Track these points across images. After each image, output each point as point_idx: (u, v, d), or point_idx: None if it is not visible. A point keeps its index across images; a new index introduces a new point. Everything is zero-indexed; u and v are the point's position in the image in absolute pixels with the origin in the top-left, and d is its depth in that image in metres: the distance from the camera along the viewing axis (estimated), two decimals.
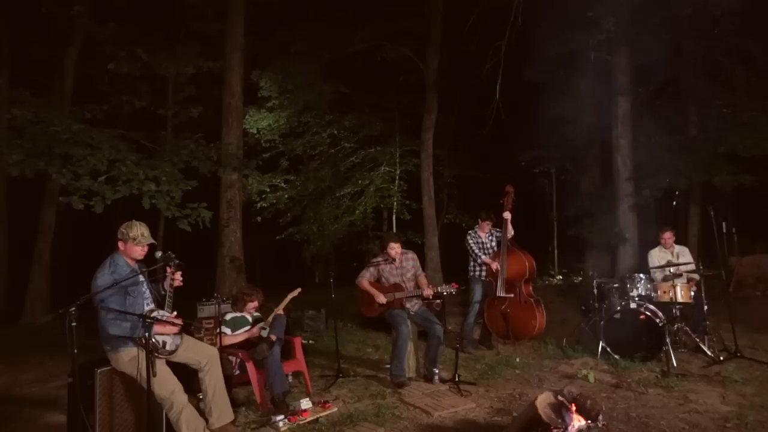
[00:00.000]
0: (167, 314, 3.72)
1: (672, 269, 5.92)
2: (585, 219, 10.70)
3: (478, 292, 6.74)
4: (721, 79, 9.85)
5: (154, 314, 3.64)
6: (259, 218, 15.46)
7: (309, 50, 12.98)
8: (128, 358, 3.57)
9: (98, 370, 3.52)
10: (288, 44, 13.09)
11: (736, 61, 9.74)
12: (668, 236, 6.49)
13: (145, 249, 3.75)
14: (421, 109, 12.90)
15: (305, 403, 4.51)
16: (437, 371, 5.30)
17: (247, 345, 5.05)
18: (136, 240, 3.69)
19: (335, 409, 4.56)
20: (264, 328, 5.18)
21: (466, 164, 15.81)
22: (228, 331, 5.21)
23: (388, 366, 5.51)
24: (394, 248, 5.63)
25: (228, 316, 5.32)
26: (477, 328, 7.14)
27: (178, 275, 3.89)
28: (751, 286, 9.67)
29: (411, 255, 5.91)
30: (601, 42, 8.78)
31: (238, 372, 5.23)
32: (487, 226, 6.82)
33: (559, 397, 3.43)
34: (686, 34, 9.61)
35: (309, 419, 4.33)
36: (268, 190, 15.31)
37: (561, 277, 13.08)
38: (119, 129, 8.06)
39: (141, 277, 3.79)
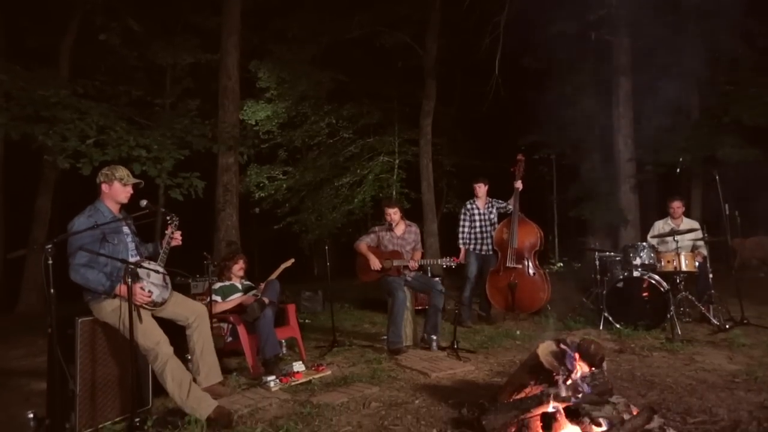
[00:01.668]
0: (157, 267, 3.58)
1: (676, 237, 5.74)
2: (586, 201, 10.54)
3: (473, 266, 6.59)
4: (724, 59, 9.71)
5: (137, 263, 3.49)
6: (257, 209, 15.33)
7: (306, 36, 12.86)
8: (111, 309, 3.41)
9: (79, 319, 3.36)
10: (285, 30, 12.95)
11: (738, 40, 9.59)
12: (677, 205, 6.34)
13: (131, 191, 3.59)
14: (419, 96, 12.78)
15: (298, 366, 4.37)
16: (435, 338, 5.15)
17: (239, 312, 4.90)
18: (123, 180, 3.53)
19: (329, 372, 4.41)
20: (256, 295, 5.04)
21: (465, 153, 15.69)
22: (219, 299, 5.06)
23: (385, 337, 5.36)
24: (390, 213, 5.50)
25: (216, 285, 5.18)
26: (475, 307, 7.01)
27: (177, 234, 3.75)
28: (755, 267, 9.54)
29: (414, 228, 5.77)
30: (602, 18, 8.64)
31: (230, 339, 5.09)
32: (482, 190, 6.66)
33: (562, 345, 3.27)
34: (688, 13, 9.48)
35: (301, 381, 4.17)
36: (267, 181, 15.20)
37: (562, 264, 12.94)
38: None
39: (125, 227, 3.64)
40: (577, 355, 3.21)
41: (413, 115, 13.75)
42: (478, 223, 6.65)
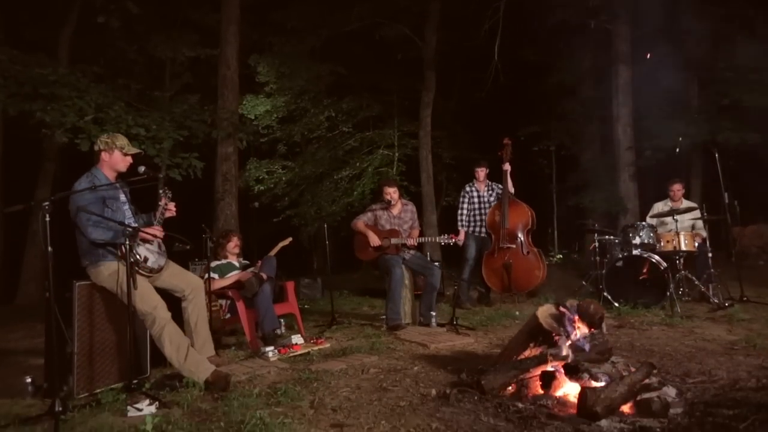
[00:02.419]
0: (156, 231, 3.57)
1: (675, 216, 5.72)
2: (585, 189, 10.53)
3: (471, 248, 6.57)
4: (724, 47, 9.70)
5: (136, 227, 3.48)
6: (256, 204, 15.30)
7: (306, 27, 12.85)
8: (108, 273, 3.40)
9: (77, 283, 3.35)
10: (284, 21, 12.94)
11: (737, 29, 9.59)
12: (677, 188, 6.34)
13: (130, 161, 3.58)
14: (419, 88, 12.75)
15: (296, 339, 4.36)
16: (434, 314, 5.14)
17: (238, 288, 4.89)
18: (124, 149, 3.52)
19: (328, 345, 4.40)
20: (254, 272, 5.03)
21: (464, 146, 15.64)
22: (216, 277, 5.04)
23: (384, 317, 5.34)
24: (389, 192, 5.48)
25: (213, 264, 5.15)
26: (473, 291, 7.00)
27: (171, 205, 3.73)
28: (754, 255, 9.51)
29: (411, 207, 5.77)
30: (601, 4, 8.63)
31: (228, 316, 5.08)
32: (483, 174, 6.68)
33: (561, 308, 3.27)
34: (687, 1, 9.48)
35: (300, 352, 4.16)
36: (266, 176, 15.19)
37: (561, 256, 12.92)
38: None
39: (121, 195, 3.63)
40: (576, 317, 3.21)
41: (413, 109, 13.73)
42: (477, 206, 6.64)
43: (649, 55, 9.24)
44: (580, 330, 3.14)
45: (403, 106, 15.03)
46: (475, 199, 6.67)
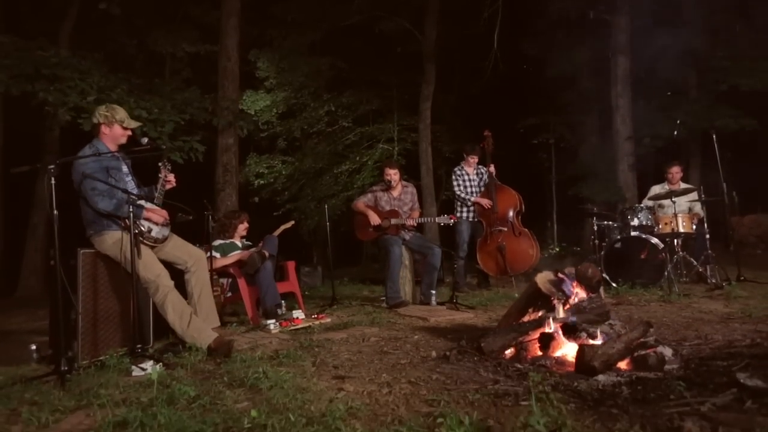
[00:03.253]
0: (159, 196, 3.62)
1: (674, 198, 5.77)
2: (584, 180, 10.58)
3: (465, 234, 6.59)
4: (723, 37, 9.76)
5: (140, 203, 3.53)
6: (256, 198, 15.34)
7: (306, 20, 12.90)
8: (112, 241, 3.44)
9: (81, 250, 3.39)
10: (284, 14, 12.99)
11: (735, 19, 9.65)
12: (675, 170, 6.39)
13: (129, 133, 3.62)
14: (419, 81, 12.79)
15: (298, 313, 4.40)
16: (434, 293, 5.18)
17: (240, 265, 4.93)
18: (124, 122, 3.57)
19: (329, 320, 4.44)
20: (257, 249, 5.07)
21: (464, 140, 15.64)
22: (218, 255, 5.08)
23: (384, 297, 5.38)
24: (390, 174, 5.53)
25: (216, 243, 5.20)
26: (472, 278, 7.05)
27: (171, 176, 3.79)
28: (752, 244, 9.57)
29: (411, 189, 5.82)
30: None
31: (229, 294, 5.12)
32: (473, 160, 6.71)
33: (560, 274, 3.31)
34: None
35: (301, 326, 4.20)
36: (266, 171, 15.24)
37: (559, 249, 12.96)
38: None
39: (123, 166, 3.67)
40: (575, 282, 3.25)
41: (412, 103, 13.78)
42: (469, 189, 6.67)
43: (647, 45, 9.27)
44: (579, 294, 3.19)
45: (402, 101, 15.09)
46: (467, 182, 6.71)
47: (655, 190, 6.50)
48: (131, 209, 3.24)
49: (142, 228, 3.48)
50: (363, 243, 18.01)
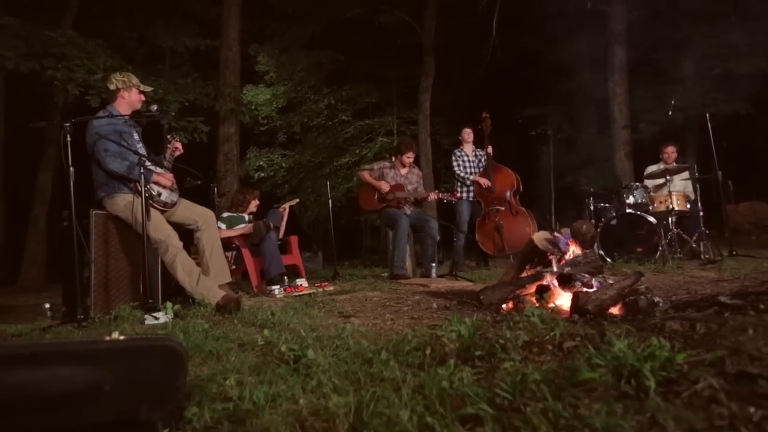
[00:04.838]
0: (168, 163, 3.75)
1: (669, 176, 5.90)
2: (582, 168, 10.72)
3: (465, 213, 6.71)
4: (718, 29, 9.87)
5: (150, 167, 3.65)
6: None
7: (306, 11, 13.02)
8: (123, 203, 3.56)
9: (93, 211, 3.51)
10: (284, 6, 13.11)
11: (731, 10, 9.78)
12: (671, 150, 6.52)
13: (143, 98, 3.76)
14: (418, 74, 12.92)
15: (302, 281, 4.52)
16: (435, 265, 5.30)
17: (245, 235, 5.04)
18: (140, 86, 3.70)
19: (332, 288, 4.56)
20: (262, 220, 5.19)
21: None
22: (223, 227, 5.20)
23: (386, 274, 5.50)
24: (411, 158, 5.66)
25: (225, 214, 5.33)
26: (471, 261, 7.17)
27: (179, 144, 3.91)
28: (747, 231, 9.69)
29: (417, 171, 5.95)
30: None
31: (234, 267, 5.24)
32: (470, 136, 6.84)
33: (556, 234, 3.44)
34: None
35: (305, 293, 4.32)
36: (266, 165, 15.37)
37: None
38: None
39: (135, 134, 3.79)
40: (570, 240, 3.38)
41: (411, 96, 13.90)
42: (468, 169, 6.79)
43: (643, 35, 9.42)
44: (574, 250, 3.32)
45: (402, 94, 15.21)
46: (466, 163, 6.83)
47: (651, 169, 6.63)
48: (142, 171, 3.36)
49: (152, 192, 3.60)
50: (362, 237, 18.06)
